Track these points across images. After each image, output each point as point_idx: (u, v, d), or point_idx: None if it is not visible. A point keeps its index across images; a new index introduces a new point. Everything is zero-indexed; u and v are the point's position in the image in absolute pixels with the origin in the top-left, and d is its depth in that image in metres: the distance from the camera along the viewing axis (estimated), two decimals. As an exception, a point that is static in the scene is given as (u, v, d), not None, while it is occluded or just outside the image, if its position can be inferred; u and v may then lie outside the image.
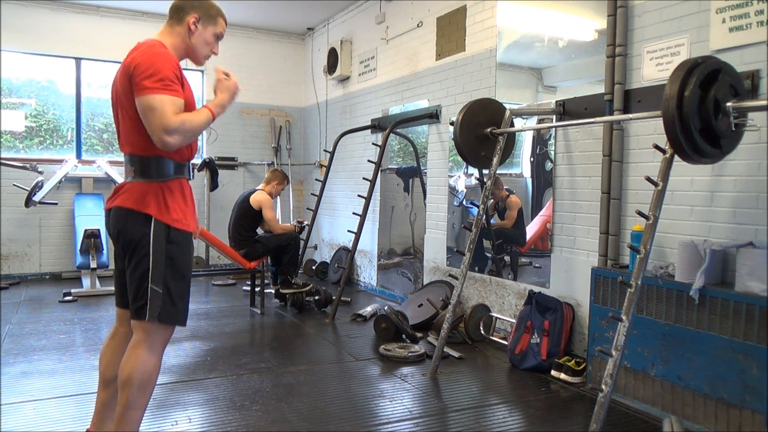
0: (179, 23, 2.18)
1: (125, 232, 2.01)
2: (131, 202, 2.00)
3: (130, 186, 2.04)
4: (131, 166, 2.05)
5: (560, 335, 3.43)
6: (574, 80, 3.74)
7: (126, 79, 1.97)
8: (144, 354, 2.00)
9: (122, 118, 2.04)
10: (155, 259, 1.98)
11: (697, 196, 2.89)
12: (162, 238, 1.99)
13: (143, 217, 1.99)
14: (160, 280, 1.99)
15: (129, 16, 6.73)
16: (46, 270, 6.44)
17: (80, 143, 6.70)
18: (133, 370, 1.98)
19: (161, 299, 1.99)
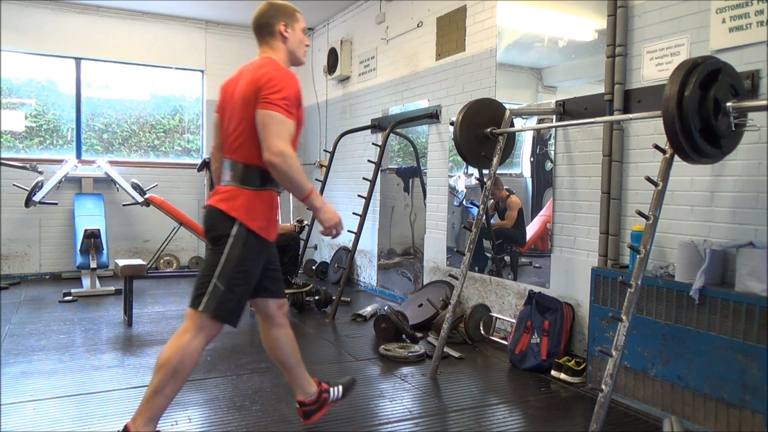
0: (273, 37, 2.31)
1: (213, 229, 2.18)
2: (224, 203, 2.17)
3: (225, 189, 2.20)
4: (231, 171, 2.20)
5: (560, 335, 3.43)
6: (574, 80, 3.74)
7: (253, 91, 2.10)
8: (187, 343, 2.12)
9: (236, 127, 2.18)
10: (228, 258, 2.12)
11: (697, 196, 2.89)
12: (240, 241, 2.14)
13: (230, 219, 2.14)
14: (225, 279, 2.12)
15: (129, 16, 6.74)
16: (46, 270, 6.44)
17: (80, 143, 6.70)
18: (173, 355, 2.09)
19: (221, 296, 2.11)
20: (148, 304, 5.15)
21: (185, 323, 2.16)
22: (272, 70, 2.14)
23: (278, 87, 2.08)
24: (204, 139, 7.28)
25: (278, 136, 2.04)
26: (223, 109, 2.30)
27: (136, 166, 6.85)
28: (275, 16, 2.30)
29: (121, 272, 4.39)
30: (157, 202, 4.69)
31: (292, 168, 2.05)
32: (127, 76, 6.92)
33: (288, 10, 2.33)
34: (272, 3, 2.35)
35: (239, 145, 2.17)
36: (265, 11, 2.32)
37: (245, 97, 2.13)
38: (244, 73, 2.24)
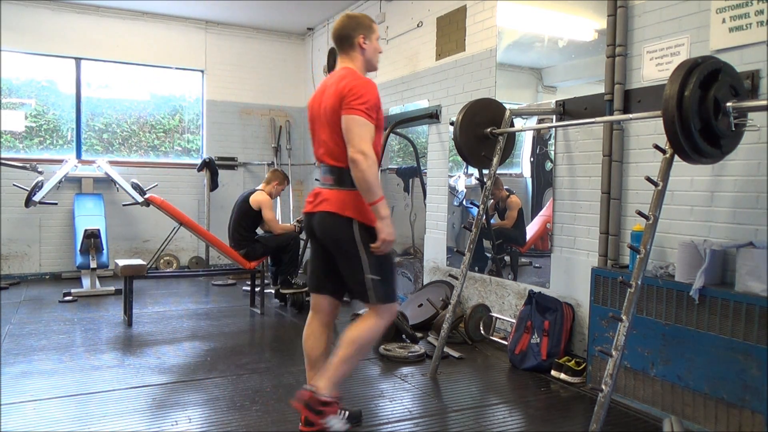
0: (352, 48, 2.48)
1: (332, 233, 2.39)
2: (334, 207, 2.36)
3: (329, 193, 2.40)
4: (331, 175, 2.40)
5: (560, 335, 3.43)
6: (574, 80, 3.74)
7: (338, 100, 2.31)
8: (374, 321, 2.40)
9: (329, 134, 2.38)
10: (366, 254, 2.34)
11: (697, 196, 2.89)
12: (366, 236, 2.33)
13: (346, 220, 2.34)
14: (375, 270, 2.35)
15: (129, 16, 6.74)
16: (46, 270, 6.44)
17: (80, 143, 6.70)
18: (362, 332, 2.38)
19: (380, 285, 2.36)
20: (148, 304, 5.15)
21: (368, 311, 2.43)
22: (352, 80, 2.33)
23: (359, 94, 2.28)
24: (204, 139, 7.28)
25: (361, 138, 2.25)
26: (313, 121, 2.51)
27: (136, 166, 6.85)
28: (355, 29, 2.47)
29: (121, 272, 4.39)
30: (157, 202, 4.69)
31: (370, 168, 2.23)
32: (127, 76, 6.92)
33: (366, 23, 2.50)
34: (351, 16, 2.52)
35: (336, 152, 2.36)
36: (345, 24, 2.48)
37: (333, 108, 2.33)
38: (327, 86, 2.44)
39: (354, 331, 2.38)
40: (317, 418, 2.30)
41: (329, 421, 2.32)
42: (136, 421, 2.64)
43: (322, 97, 2.44)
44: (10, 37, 6.18)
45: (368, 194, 2.27)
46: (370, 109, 2.30)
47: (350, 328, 2.40)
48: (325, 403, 2.31)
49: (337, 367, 2.35)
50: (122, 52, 6.76)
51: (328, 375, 2.34)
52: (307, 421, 2.31)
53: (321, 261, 2.54)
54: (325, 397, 2.31)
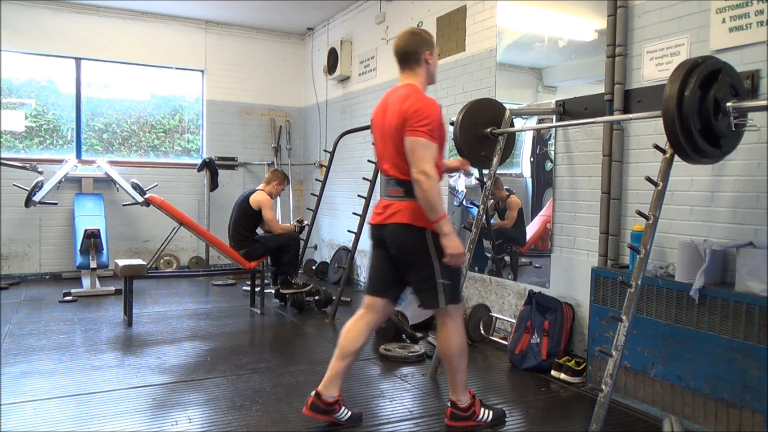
0: (418, 64, 2.55)
1: (406, 244, 2.51)
2: (407, 218, 2.48)
3: (400, 205, 2.51)
4: (400, 187, 2.51)
5: (560, 335, 3.43)
6: (574, 80, 3.74)
7: (402, 121, 2.40)
8: (454, 329, 2.58)
9: (394, 150, 2.48)
10: (437, 260, 2.48)
11: (697, 196, 2.89)
12: (435, 242, 2.46)
13: (419, 230, 2.47)
14: (445, 275, 2.51)
15: (129, 16, 6.74)
16: (46, 270, 6.44)
17: (80, 143, 6.70)
18: (452, 343, 2.57)
19: (449, 288, 2.52)
20: (148, 304, 5.15)
21: (441, 319, 2.61)
22: (416, 101, 2.41)
23: (423, 115, 2.37)
24: (204, 139, 7.28)
25: (423, 159, 2.35)
26: (377, 135, 2.61)
27: (136, 166, 6.85)
28: (422, 45, 2.54)
29: (121, 272, 4.39)
30: (157, 202, 4.69)
31: (432, 188, 2.35)
32: (127, 76, 6.92)
33: (430, 39, 2.59)
34: (415, 32, 2.60)
35: (405, 167, 2.45)
36: (411, 41, 2.55)
37: (397, 128, 2.43)
38: (390, 103, 2.52)
39: (445, 348, 2.60)
40: (471, 421, 2.63)
41: (481, 417, 2.65)
42: (136, 421, 2.64)
43: (385, 113, 2.53)
44: (10, 37, 6.18)
45: (431, 212, 2.39)
46: (432, 130, 2.38)
47: (439, 347, 2.65)
48: (468, 407, 2.63)
49: (456, 378, 2.61)
50: (122, 52, 6.76)
51: (456, 387, 2.62)
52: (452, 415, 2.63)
53: (388, 268, 2.64)
54: (465, 403, 2.63)
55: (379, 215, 2.59)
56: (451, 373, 2.62)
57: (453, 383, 2.63)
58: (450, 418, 2.63)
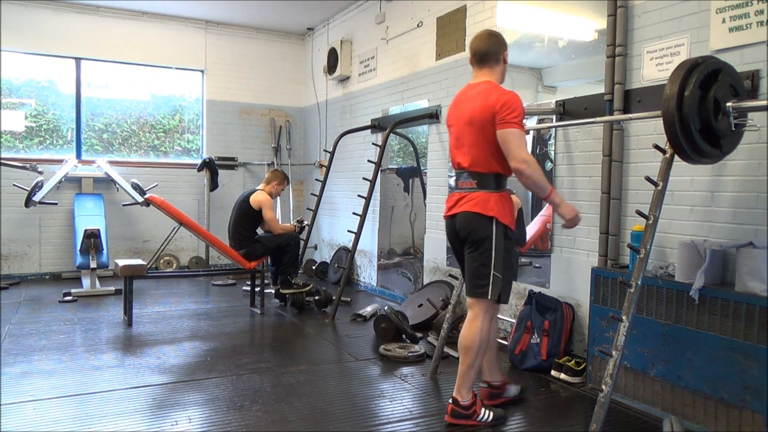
0: (497, 63, 2.70)
1: (473, 229, 2.57)
2: (478, 207, 2.56)
3: (472, 195, 2.59)
4: (472, 179, 2.60)
5: (560, 335, 3.43)
6: (574, 80, 3.74)
7: (490, 114, 2.51)
8: (482, 325, 2.61)
9: (474, 143, 2.58)
10: (497, 251, 2.55)
11: (697, 196, 2.89)
12: (501, 235, 2.56)
13: (488, 219, 2.55)
14: (500, 268, 2.55)
15: (129, 16, 6.74)
16: (46, 270, 6.44)
17: (80, 143, 6.70)
18: (475, 338, 2.61)
19: (500, 283, 2.56)
20: (148, 304, 5.15)
21: (473, 311, 2.64)
22: (502, 95, 2.53)
23: (512, 107, 2.48)
24: (204, 139, 7.28)
25: (520, 148, 2.46)
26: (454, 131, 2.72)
27: (136, 166, 6.85)
28: (501, 45, 2.69)
29: (121, 272, 4.39)
30: (157, 202, 4.69)
31: (535, 172, 2.47)
32: (127, 76, 6.92)
33: (504, 40, 2.72)
34: (493, 33, 2.74)
35: (481, 159, 2.56)
36: (491, 41, 2.69)
37: (481, 122, 2.54)
38: (470, 98, 2.65)
39: (466, 339, 2.63)
40: (471, 420, 2.65)
41: (481, 417, 2.67)
42: (136, 421, 2.64)
43: (463, 109, 2.65)
44: (10, 37, 6.18)
45: (540, 192, 2.54)
46: (522, 121, 2.50)
47: (462, 337, 2.65)
48: (469, 406, 2.65)
49: (465, 375, 2.64)
50: (122, 52, 6.76)
51: (462, 384, 2.64)
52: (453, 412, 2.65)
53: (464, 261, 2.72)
54: (467, 401, 2.65)
55: (451, 208, 2.70)
56: (463, 367, 2.64)
57: (461, 379, 2.64)
58: (450, 415, 2.65)
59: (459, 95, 2.76)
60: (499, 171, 2.58)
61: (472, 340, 2.61)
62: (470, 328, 2.62)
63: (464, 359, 2.64)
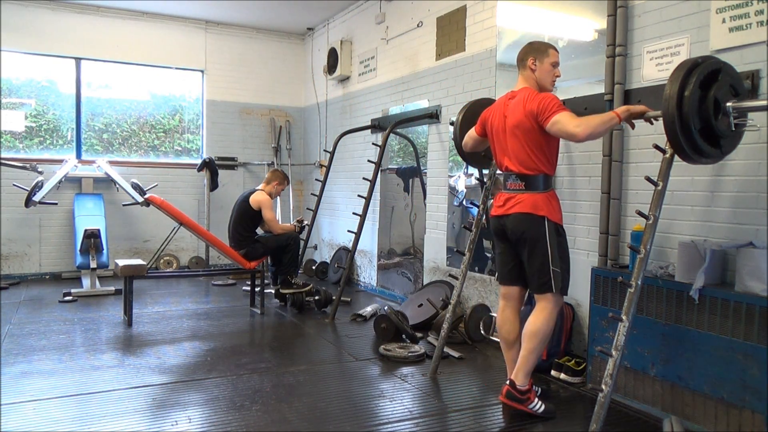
0: (524, 69, 2.85)
1: (527, 231, 2.72)
2: (529, 208, 2.71)
3: (522, 197, 2.74)
4: (521, 181, 2.75)
5: (560, 335, 3.42)
6: (574, 80, 3.74)
7: (532, 118, 2.67)
8: (548, 311, 2.73)
9: (518, 147, 2.74)
10: (552, 248, 2.70)
11: (697, 196, 2.89)
12: (554, 233, 2.71)
13: (539, 219, 2.70)
14: (557, 263, 2.71)
15: (129, 16, 6.74)
16: (46, 270, 6.44)
17: (80, 143, 6.70)
18: (541, 326, 2.71)
19: (560, 276, 2.72)
20: (148, 304, 5.15)
21: (541, 304, 2.76)
22: (536, 99, 2.68)
23: (546, 105, 2.63)
24: (204, 139, 7.28)
25: (568, 125, 2.56)
26: (496, 135, 2.87)
27: (136, 166, 6.85)
28: (528, 53, 2.83)
29: (121, 272, 4.39)
30: (157, 202, 4.69)
31: (590, 127, 2.53)
32: (127, 76, 6.92)
33: (541, 47, 2.84)
34: (531, 42, 2.91)
35: (526, 162, 2.72)
36: (523, 48, 2.88)
37: (523, 126, 2.71)
38: (510, 104, 2.80)
39: (533, 325, 2.73)
40: (523, 405, 2.72)
41: (533, 405, 2.72)
42: (136, 421, 2.64)
43: (505, 114, 2.81)
44: (10, 37, 6.18)
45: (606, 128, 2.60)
46: (561, 106, 2.64)
47: (529, 323, 2.75)
48: (525, 392, 2.72)
49: (526, 359, 2.73)
50: (122, 52, 6.76)
51: (521, 368, 2.73)
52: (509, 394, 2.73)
53: (512, 258, 2.88)
54: (524, 387, 2.72)
55: (500, 207, 2.82)
56: (525, 352, 2.72)
57: (522, 363, 2.72)
58: (505, 396, 2.74)
59: (500, 101, 2.91)
60: (545, 172, 2.73)
61: (539, 327, 2.71)
62: (538, 317, 2.73)
63: (527, 344, 2.72)
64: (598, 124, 2.54)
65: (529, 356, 2.72)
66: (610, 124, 2.57)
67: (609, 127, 2.62)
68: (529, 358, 2.72)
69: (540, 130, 2.68)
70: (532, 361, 2.73)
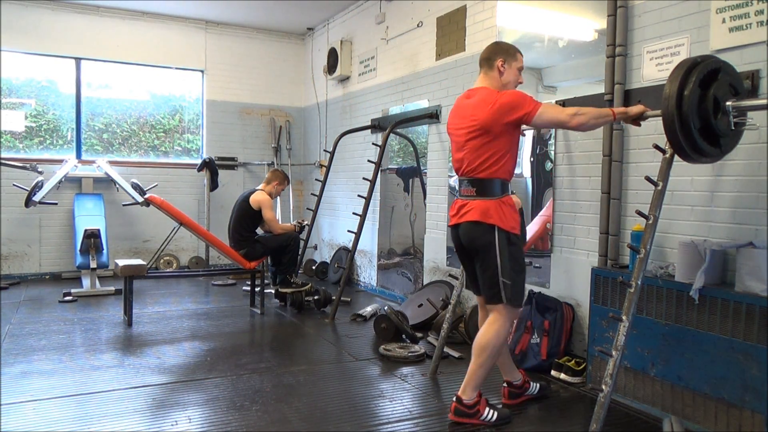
0: (491, 69, 2.71)
1: (476, 240, 2.60)
2: (478, 216, 2.58)
3: (472, 204, 2.61)
4: (472, 187, 2.62)
5: (560, 335, 3.43)
6: (574, 80, 3.74)
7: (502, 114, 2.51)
8: (499, 328, 2.61)
9: (477, 147, 2.58)
10: (502, 258, 2.56)
11: (697, 196, 2.89)
12: (505, 242, 2.56)
13: (489, 227, 2.56)
14: (508, 274, 2.57)
15: (129, 16, 6.74)
16: (46, 270, 6.44)
17: (80, 143, 6.70)
18: (491, 339, 2.60)
19: (511, 288, 2.57)
20: (148, 304, 5.15)
21: (492, 315, 2.64)
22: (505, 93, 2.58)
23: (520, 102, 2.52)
24: (204, 139, 7.28)
25: (559, 113, 2.52)
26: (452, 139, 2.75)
27: (136, 166, 6.85)
28: (497, 53, 2.71)
29: (121, 272, 4.39)
30: (157, 202, 4.69)
31: (585, 115, 2.49)
32: (127, 76, 6.92)
33: (510, 50, 2.73)
34: (497, 42, 2.85)
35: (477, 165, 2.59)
36: (489, 47, 2.77)
37: (486, 126, 2.54)
38: (468, 105, 2.66)
39: (482, 339, 2.62)
40: (474, 419, 2.65)
41: (484, 416, 2.66)
42: (136, 421, 2.64)
43: (464, 115, 2.66)
44: (10, 37, 6.18)
45: (599, 122, 2.55)
46: (533, 100, 2.54)
47: (478, 336, 2.64)
48: (473, 405, 2.64)
49: (475, 373, 2.63)
50: (122, 52, 6.76)
51: (468, 382, 2.64)
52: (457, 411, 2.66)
53: (472, 268, 2.75)
54: (471, 401, 2.64)
55: (454, 216, 2.72)
56: (474, 366, 2.64)
57: (469, 378, 2.64)
58: (454, 413, 2.66)
59: (458, 101, 2.77)
60: (500, 177, 2.60)
61: (488, 340, 2.60)
62: (488, 330, 2.62)
63: (476, 359, 2.63)
64: (592, 116, 2.51)
65: (477, 371, 2.62)
66: (604, 119, 2.55)
67: (602, 122, 2.57)
68: (478, 372, 2.63)
69: (504, 131, 2.55)
70: (481, 376, 2.63)
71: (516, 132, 2.61)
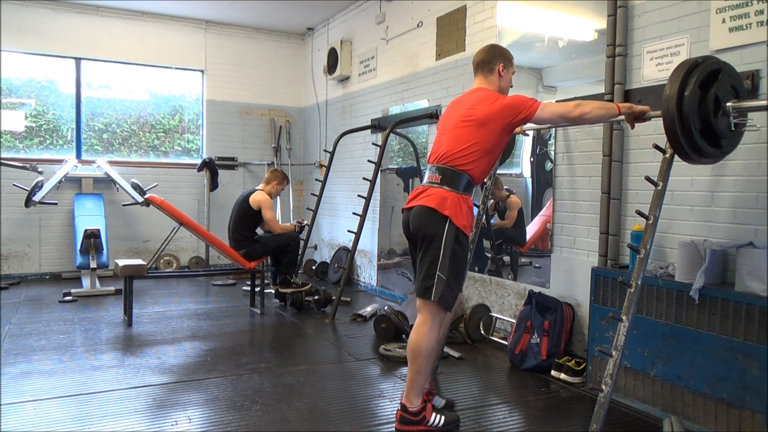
0: (491, 73, 2.71)
1: (425, 226, 2.50)
2: (434, 203, 2.49)
3: (433, 190, 2.52)
4: (439, 174, 2.54)
5: (560, 335, 3.43)
6: (574, 80, 3.74)
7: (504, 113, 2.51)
8: (428, 330, 2.50)
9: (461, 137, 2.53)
10: (445, 252, 2.45)
11: (697, 196, 2.89)
12: (452, 236, 2.47)
13: (441, 217, 2.47)
14: (445, 270, 2.46)
15: (129, 16, 6.74)
16: (46, 270, 6.44)
17: (80, 143, 6.70)
18: (421, 342, 2.49)
19: (444, 285, 2.46)
20: (148, 304, 5.15)
21: (421, 316, 2.53)
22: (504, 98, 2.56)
23: (520, 97, 2.53)
24: (204, 139, 7.28)
25: (562, 107, 2.51)
26: (440, 128, 2.70)
27: (136, 166, 6.85)
28: (497, 57, 2.71)
29: (121, 272, 4.39)
30: (157, 202, 4.69)
31: (588, 106, 2.49)
32: (127, 76, 6.92)
33: (507, 55, 2.75)
34: (494, 45, 2.83)
35: (456, 153, 2.52)
36: (488, 51, 2.74)
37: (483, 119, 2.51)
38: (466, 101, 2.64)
39: (413, 343, 2.52)
40: (421, 426, 2.55)
41: (431, 422, 2.57)
42: (136, 421, 2.64)
43: (460, 108, 2.63)
44: (10, 37, 6.18)
45: (602, 114, 2.52)
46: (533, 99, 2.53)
47: (409, 341, 2.55)
48: (418, 412, 2.54)
49: (414, 380, 2.53)
50: (122, 52, 6.76)
51: (410, 389, 2.54)
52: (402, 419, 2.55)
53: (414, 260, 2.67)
54: (416, 407, 2.54)
55: (410, 201, 2.62)
56: (412, 373, 2.52)
57: (410, 385, 2.53)
58: (400, 422, 2.55)
59: (455, 100, 2.75)
60: (470, 173, 2.53)
61: (419, 343, 2.49)
62: (417, 333, 2.51)
63: (412, 364, 2.53)
64: (595, 107, 2.49)
65: (416, 377, 2.51)
66: (608, 112, 2.51)
67: (605, 115, 2.53)
68: (416, 378, 2.51)
69: (496, 130, 2.51)
70: (420, 381, 2.53)
71: (505, 138, 2.58)
